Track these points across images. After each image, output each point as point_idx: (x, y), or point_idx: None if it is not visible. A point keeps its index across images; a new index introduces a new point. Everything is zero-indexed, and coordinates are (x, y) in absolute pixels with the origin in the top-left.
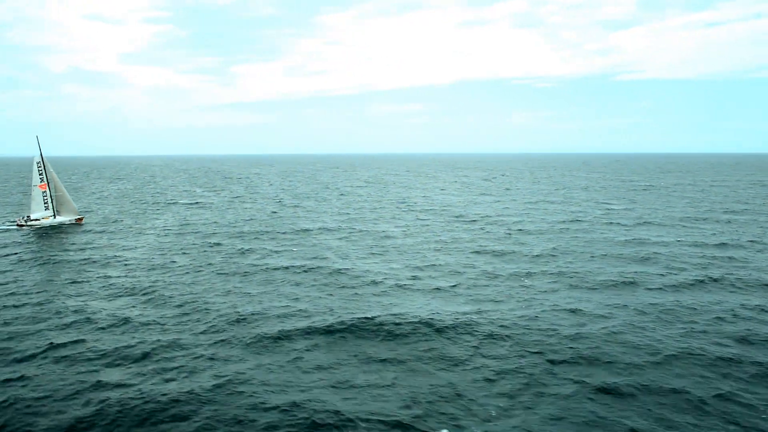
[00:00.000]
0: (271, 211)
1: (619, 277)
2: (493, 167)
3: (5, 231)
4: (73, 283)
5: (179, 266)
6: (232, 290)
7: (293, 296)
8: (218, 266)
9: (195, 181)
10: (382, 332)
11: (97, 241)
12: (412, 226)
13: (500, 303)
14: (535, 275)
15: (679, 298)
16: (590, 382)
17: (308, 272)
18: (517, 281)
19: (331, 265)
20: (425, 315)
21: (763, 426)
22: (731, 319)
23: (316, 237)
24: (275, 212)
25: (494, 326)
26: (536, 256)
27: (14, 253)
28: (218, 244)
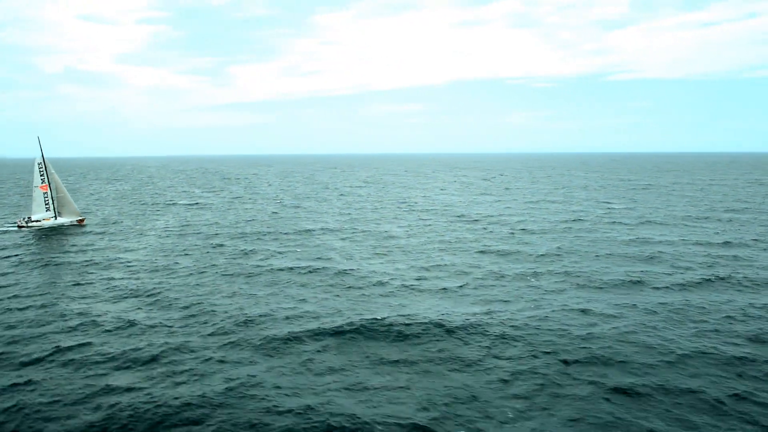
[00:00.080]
0: (271, 211)
1: (626, 277)
2: (491, 167)
3: (5, 232)
4: (76, 285)
5: (183, 268)
6: (237, 292)
7: (300, 297)
8: (222, 267)
9: (193, 181)
10: (393, 333)
11: (98, 243)
12: (415, 226)
13: (509, 303)
14: (541, 275)
15: (687, 298)
16: (605, 382)
17: (313, 273)
18: (525, 281)
19: (335, 266)
20: (435, 316)
21: None
22: (741, 318)
23: (318, 237)
24: (276, 213)
25: (505, 327)
26: (541, 256)
27: (15, 255)
28: (221, 245)
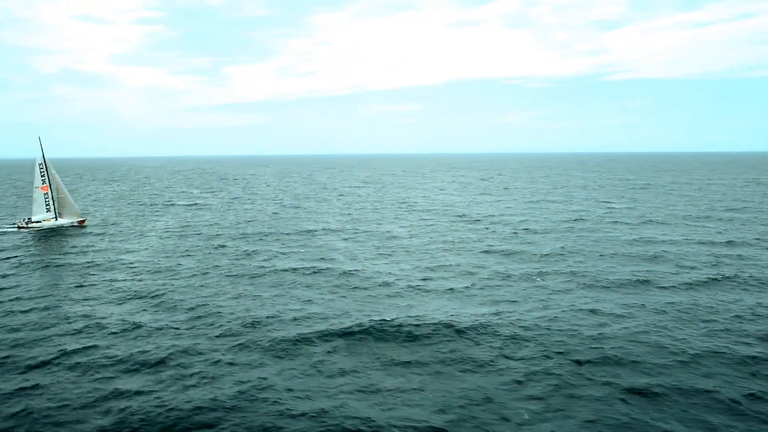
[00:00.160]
0: (272, 212)
1: (632, 276)
2: (488, 167)
3: (3, 234)
4: (79, 287)
5: (186, 269)
6: (243, 293)
7: (306, 298)
8: (226, 269)
9: (191, 182)
10: (402, 334)
11: (99, 244)
12: (417, 227)
13: (517, 304)
14: (547, 275)
15: (695, 297)
16: (619, 383)
17: (318, 274)
18: (531, 281)
19: (340, 267)
20: (443, 317)
21: None
22: (751, 317)
23: (321, 238)
24: (276, 213)
25: (515, 327)
26: (545, 256)
27: (15, 257)
28: (223, 246)
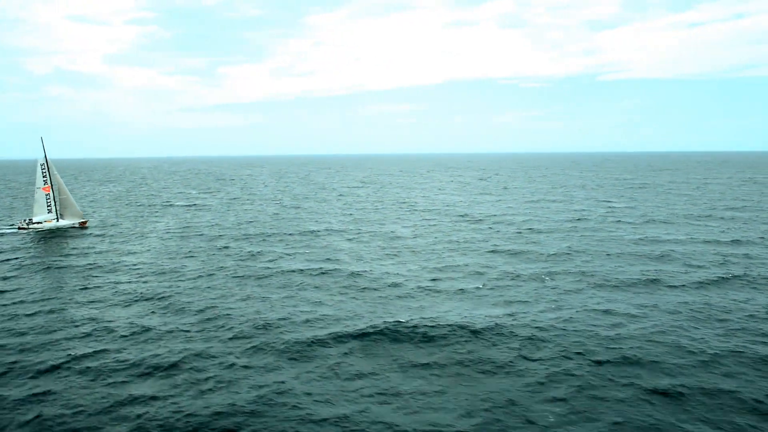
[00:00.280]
0: (272, 212)
1: (641, 276)
2: (484, 167)
3: (1, 235)
4: (84, 289)
5: (190, 270)
6: (251, 295)
7: (316, 300)
8: (231, 270)
9: (188, 182)
10: (418, 336)
11: (99, 246)
12: (420, 227)
13: (530, 304)
14: (557, 275)
15: (707, 296)
16: (642, 384)
17: (325, 275)
18: (541, 281)
19: (347, 268)
20: (457, 318)
21: None
22: (765, 316)
23: (324, 238)
24: (277, 214)
25: (531, 328)
26: (552, 255)
27: (15, 258)
28: (226, 247)
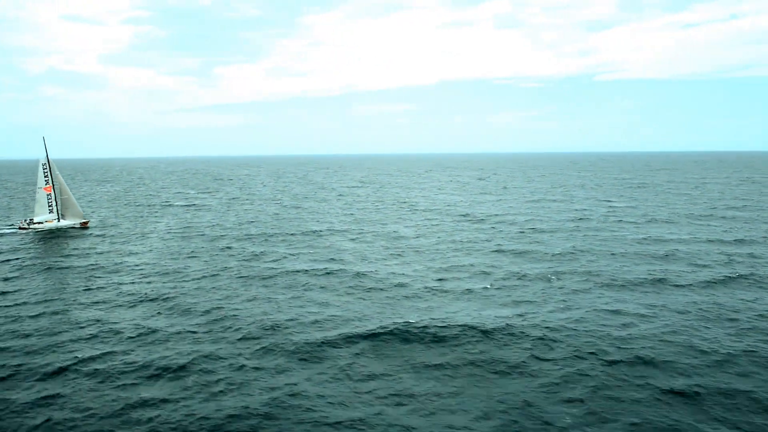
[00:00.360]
0: (273, 212)
1: (648, 275)
2: (482, 167)
3: (2, 235)
4: (87, 290)
5: (194, 271)
6: (257, 295)
7: (322, 301)
8: (235, 270)
9: (186, 182)
10: (428, 336)
11: (100, 246)
12: (422, 226)
13: (538, 304)
14: (563, 274)
15: (715, 296)
16: (657, 384)
17: (331, 275)
18: (547, 281)
19: (352, 268)
20: (467, 318)
21: None
22: None
23: (327, 238)
24: (277, 214)
25: (541, 328)
26: (557, 255)
27: (16, 259)
28: (228, 247)
